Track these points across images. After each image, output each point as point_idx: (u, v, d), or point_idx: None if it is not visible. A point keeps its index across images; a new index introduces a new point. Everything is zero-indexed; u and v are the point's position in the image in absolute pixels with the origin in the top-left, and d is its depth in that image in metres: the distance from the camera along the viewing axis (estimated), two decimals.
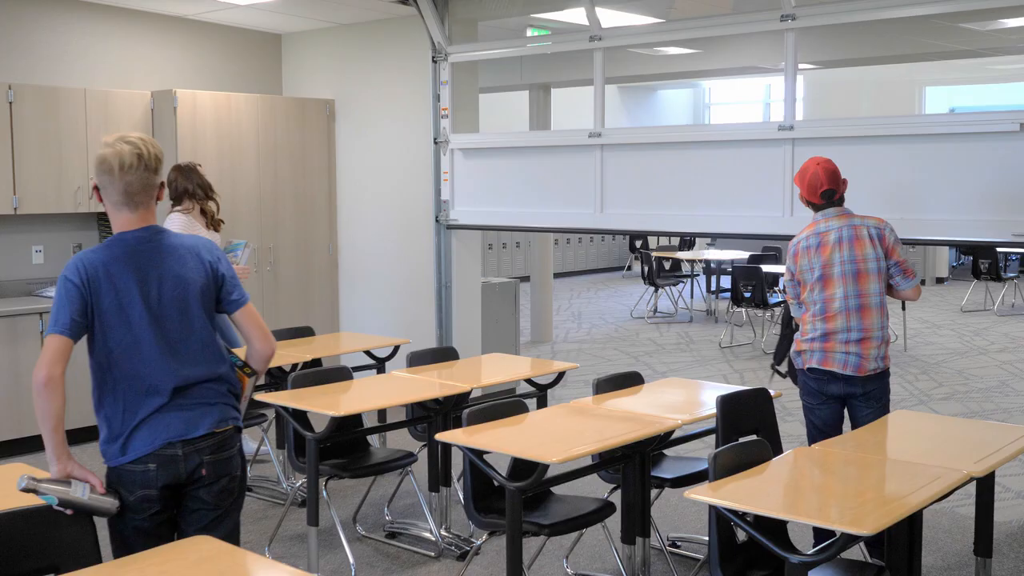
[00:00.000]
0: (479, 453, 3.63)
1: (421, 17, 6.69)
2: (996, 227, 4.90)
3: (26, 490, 2.57)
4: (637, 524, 3.93)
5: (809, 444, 4.12)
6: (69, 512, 2.62)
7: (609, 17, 7.96)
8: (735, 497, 2.98)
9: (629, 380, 4.52)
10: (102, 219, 6.97)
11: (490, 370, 5.11)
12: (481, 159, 6.90)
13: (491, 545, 4.53)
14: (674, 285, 12.36)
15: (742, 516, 2.92)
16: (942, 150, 5.07)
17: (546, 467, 3.40)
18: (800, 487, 3.15)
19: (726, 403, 3.94)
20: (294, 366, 5.18)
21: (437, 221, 7.02)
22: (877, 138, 5.28)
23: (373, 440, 5.77)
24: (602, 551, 4.51)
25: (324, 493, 4.34)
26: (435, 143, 6.97)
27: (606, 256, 17.66)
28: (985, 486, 3.69)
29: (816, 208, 4.21)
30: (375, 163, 7.46)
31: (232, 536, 2.94)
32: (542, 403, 4.90)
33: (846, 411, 4.27)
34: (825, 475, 3.28)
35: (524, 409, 3.99)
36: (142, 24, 7.16)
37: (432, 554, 4.55)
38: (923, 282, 14.82)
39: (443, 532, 4.69)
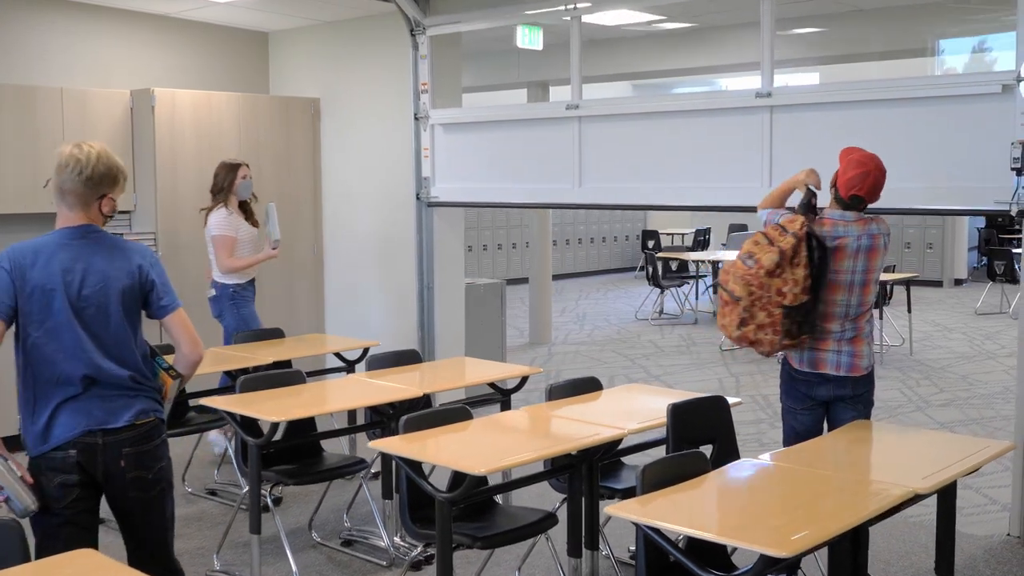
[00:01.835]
0: (414, 462, 3.50)
1: (396, 3, 6.57)
2: (979, 194, 4.73)
3: None
4: (584, 536, 3.78)
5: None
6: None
7: (600, 16, 7.84)
8: (659, 514, 2.83)
9: (586, 386, 4.37)
10: None
11: (450, 374, 4.99)
12: (461, 134, 6.80)
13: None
14: (679, 286, 12.17)
15: (664, 533, 2.77)
16: (923, 114, 4.91)
17: (477, 478, 3.27)
18: (731, 503, 3.00)
19: (677, 412, 3.79)
20: (256, 368, 5.09)
21: (418, 198, 6.92)
22: (857, 103, 5.12)
23: (344, 444, 5.69)
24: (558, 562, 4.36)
25: (269, 500, 4.23)
26: (415, 119, 6.86)
27: (619, 256, 17.49)
28: (945, 501, 3.52)
29: (838, 202, 3.94)
30: (361, 162, 7.36)
31: (162, 532, 3.06)
32: (506, 408, 4.77)
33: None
34: (761, 490, 3.13)
35: (467, 416, 3.85)
36: (128, 23, 7.10)
37: (384, 563, 4.44)
38: (941, 284, 14.60)
39: (397, 540, 4.57)
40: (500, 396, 4.83)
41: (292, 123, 7.40)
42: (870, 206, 3.95)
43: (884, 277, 8.59)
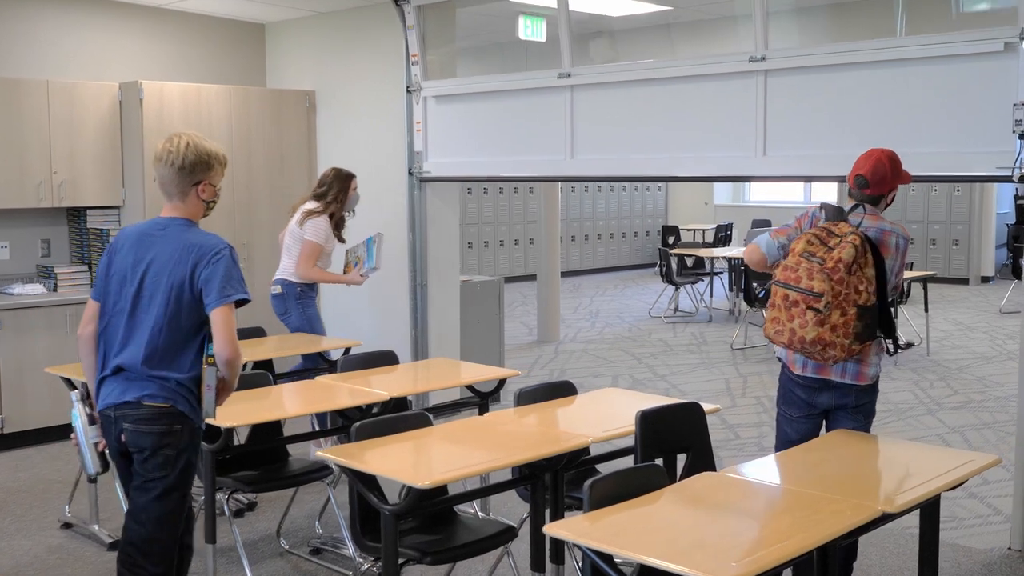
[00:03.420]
0: (363, 473, 3.33)
1: None
2: (980, 159, 4.51)
3: (77, 398, 3.20)
4: (549, 550, 3.60)
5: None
6: (74, 440, 3.19)
7: (599, 6, 7.64)
8: (603, 534, 2.64)
9: (559, 391, 4.18)
10: (71, 214, 6.83)
11: (425, 376, 4.82)
12: (453, 106, 6.66)
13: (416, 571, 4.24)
14: (694, 283, 11.92)
15: (607, 556, 2.59)
16: (921, 75, 4.70)
17: (420, 491, 3.09)
18: (682, 522, 2.79)
19: (647, 419, 3.59)
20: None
21: (410, 174, 6.79)
22: (856, 65, 4.91)
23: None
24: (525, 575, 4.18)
25: (226, 507, 4.09)
26: (407, 91, 6.74)
27: (639, 252, 17.25)
28: (928, 516, 3.31)
29: (851, 196, 3.74)
30: (357, 154, 7.19)
31: (154, 512, 3.12)
32: (484, 411, 4.60)
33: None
34: (719, 508, 2.92)
35: (427, 423, 3.68)
36: (121, 15, 6.98)
37: (349, 573, 4.28)
38: (967, 281, 14.22)
39: None
40: (477, 399, 4.66)
41: (286, 116, 7.26)
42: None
43: None
